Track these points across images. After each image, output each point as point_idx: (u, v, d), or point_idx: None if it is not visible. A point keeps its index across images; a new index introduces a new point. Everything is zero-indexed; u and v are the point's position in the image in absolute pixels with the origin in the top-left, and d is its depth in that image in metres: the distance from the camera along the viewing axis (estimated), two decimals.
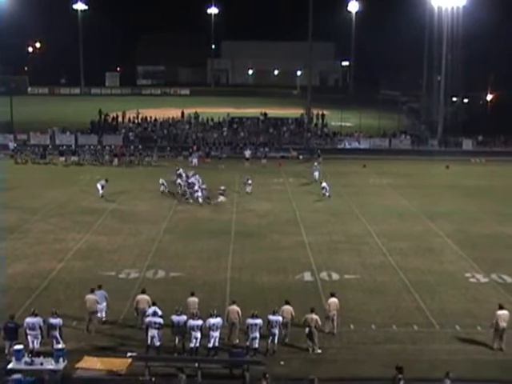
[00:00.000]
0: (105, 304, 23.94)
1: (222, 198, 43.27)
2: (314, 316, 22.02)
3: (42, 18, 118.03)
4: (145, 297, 23.51)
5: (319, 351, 21.83)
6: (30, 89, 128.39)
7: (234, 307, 22.57)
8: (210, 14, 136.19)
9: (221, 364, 20.92)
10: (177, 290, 26.45)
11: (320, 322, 22.15)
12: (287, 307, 22.64)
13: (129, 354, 20.63)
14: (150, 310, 22.15)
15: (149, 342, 21.32)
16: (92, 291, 23.60)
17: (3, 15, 74.62)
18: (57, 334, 21.25)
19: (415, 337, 23.23)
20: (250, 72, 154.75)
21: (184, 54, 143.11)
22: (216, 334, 21.37)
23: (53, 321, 21.37)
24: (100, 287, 24.27)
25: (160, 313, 21.97)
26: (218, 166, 56.38)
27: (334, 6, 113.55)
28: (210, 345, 21.32)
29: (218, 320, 21.48)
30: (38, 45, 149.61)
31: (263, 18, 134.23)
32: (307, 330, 21.92)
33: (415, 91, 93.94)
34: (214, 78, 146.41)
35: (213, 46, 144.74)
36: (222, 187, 44.10)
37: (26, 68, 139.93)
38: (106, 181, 44.40)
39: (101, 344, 22.21)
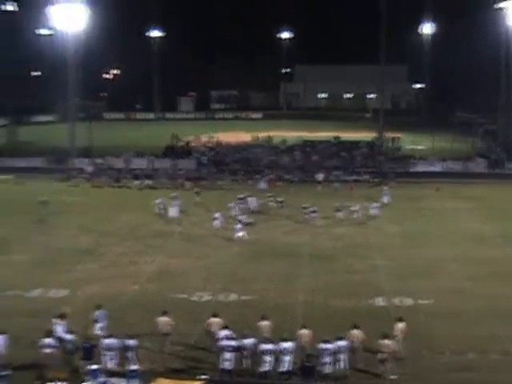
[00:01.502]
0: (106, 322, 24.10)
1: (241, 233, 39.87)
2: (387, 341, 21.63)
3: (118, 45, 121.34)
4: (216, 320, 23.59)
5: (393, 377, 21.39)
6: (106, 114, 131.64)
7: (305, 331, 22.40)
8: (283, 39, 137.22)
9: None
10: (249, 313, 26.42)
11: (394, 348, 21.70)
12: (355, 331, 22.32)
13: (202, 377, 20.69)
14: (223, 333, 22.19)
15: (221, 365, 21.34)
16: (164, 313, 23.82)
17: (82, 43, 76.84)
18: (132, 355, 21.52)
19: (493, 365, 22.51)
20: (322, 95, 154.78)
21: (257, 79, 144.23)
22: (288, 358, 21.21)
23: (129, 342, 21.67)
24: (99, 307, 24.60)
25: (233, 336, 21.99)
26: (288, 190, 56.19)
27: (406, 28, 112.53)
28: (283, 369, 21.16)
29: (290, 344, 21.33)
30: (114, 71, 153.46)
31: (335, 41, 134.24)
32: (380, 355, 21.54)
33: (492, 113, 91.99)
34: (287, 101, 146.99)
35: (285, 70, 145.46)
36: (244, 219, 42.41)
37: (103, 94, 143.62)
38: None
39: (173, 366, 22.35)
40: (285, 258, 35.26)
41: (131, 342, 21.68)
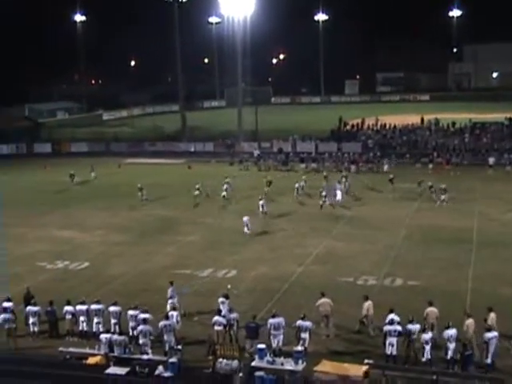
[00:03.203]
0: (176, 299, 25.02)
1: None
2: None
3: (285, 29, 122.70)
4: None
5: None
6: (273, 99, 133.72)
7: (471, 320, 21.82)
8: (452, 17, 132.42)
9: (459, 378, 20.20)
10: (414, 298, 26.00)
11: None
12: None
13: (365, 361, 20.68)
14: (388, 318, 22.01)
15: (387, 350, 21.22)
16: (323, 295, 24.03)
17: (249, 29, 78.51)
18: (306, 335, 21.89)
19: None
20: (495, 75, 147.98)
21: (424, 60, 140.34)
22: (452, 345, 20.69)
23: (302, 323, 22.04)
24: (172, 283, 25.55)
25: (398, 320, 21.78)
26: (451, 173, 54.41)
27: None
28: (448, 357, 20.71)
29: (453, 331, 20.81)
30: (281, 56, 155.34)
31: (506, 18, 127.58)
32: None
33: None
34: (456, 82, 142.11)
35: (454, 50, 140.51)
36: None
37: (269, 79, 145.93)
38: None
39: (337, 349, 22.50)
40: (453, 243, 34.29)
41: (306, 324, 22.01)
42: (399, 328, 21.30)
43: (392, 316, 22.05)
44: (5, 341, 23.48)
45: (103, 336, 22.15)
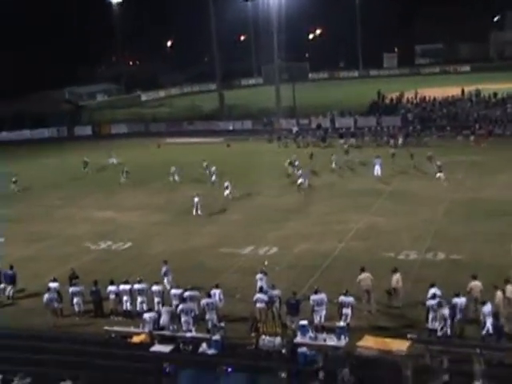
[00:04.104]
0: (170, 277, 25.92)
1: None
2: None
3: (321, 4, 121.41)
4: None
5: None
6: (310, 74, 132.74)
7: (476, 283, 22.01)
8: None
9: (505, 352, 20.00)
10: (457, 272, 25.75)
11: None
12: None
13: (409, 336, 20.61)
14: (430, 292, 21.84)
15: (430, 324, 21.10)
16: (363, 270, 23.98)
17: (285, 5, 77.97)
18: (348, 311, 21.89)
19: None
20: None
21: (464, 29, 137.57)
22: (490, 320, 20.46)
23: (345, 299, 22.04)
24: (166, 262, 26.29)
25: (439, 294, 21.62)
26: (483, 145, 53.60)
27: None
28: (484, 331, 20.51)
29: (489, 307, 20.56)
30: (318, 31, 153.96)
31: None
32: None
33: None
34: (497, 51, 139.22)
35: (496, 18, 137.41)
36: None
37: (306, 54, 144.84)
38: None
39: (380, 324, 22.45)
40: (497, 216, 33.80)
41: (348, 299, 22.01)
42: (464, 300, 21.17)
43: (434, 290, 21.90)
44: (50, 320, 24.01)
45: (147, 315, 22.44)
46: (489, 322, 20.44)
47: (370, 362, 19.66)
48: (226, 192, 40.60)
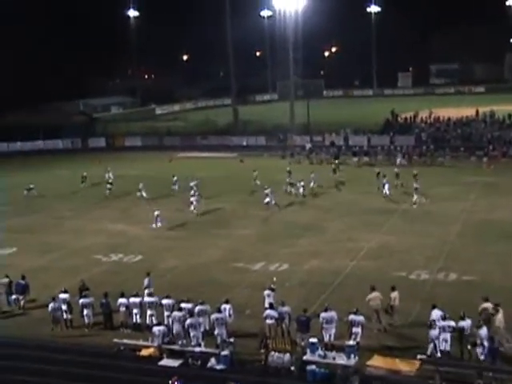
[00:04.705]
0: (152, 289, 25.93)
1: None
2: None
3: (337, 22, 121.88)
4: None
5: None
6: (325, 92, 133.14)
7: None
8: (509, 6, 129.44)
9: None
10: (469, 293, 25.60)
11: None
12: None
13: (419, 357, 20.48)
14: (438, 314, 21.67)
15: (440, 345, 20.93)
16: (373, 289, 23.86)
17: (301, 22, 78.38)
18: (358, 330, 21.75)
19: None
20: None
21: (479, 50, 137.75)
22: (486, 343, 20.30)
23: (355, 318, 21.92)
24: (148, 274, 26.64)
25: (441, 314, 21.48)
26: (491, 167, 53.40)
27: None
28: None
29: (484, 330, 20.45)
30: (333, 49, 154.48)
31: None
32: None
33: None
34: None
35: (511, 40, 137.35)
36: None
37: (321, 72, 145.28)
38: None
39: (389, 343, 22.31)
40: (508, 238, 33.63)
41: (358, 318, 21.87)
42: (453, 324, 20.97)
43: (436, 312, 21.77)
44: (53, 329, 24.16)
45: (156, 329, 22.43)
46: (485, 345, 20.32)
47: (381, 381, 19.53)
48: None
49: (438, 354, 20.61)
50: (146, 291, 25.83)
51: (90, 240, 36.83)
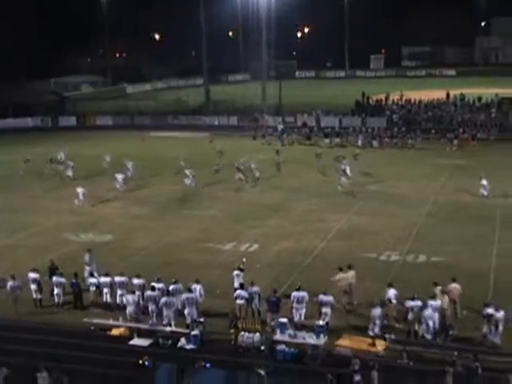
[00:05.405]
0: (94, 266, 26.10)
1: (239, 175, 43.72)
2: None
3: (310, 2, 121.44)
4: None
5: None
6: (297, 73, 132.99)
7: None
8: None
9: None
10: (437, 275, 25.87)
11: None
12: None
13: (387, 336, 20.72)
14: (393, 293, 22.20)
15: (407, 326, 21.25)
16: (340, 270, 24.11)
17: (275, 2, 78.03)
18: (328, 310, 21.91)
19: None
20: None
21: (451, 34, 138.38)
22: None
23: (324, 298, 22.03)
24: (90, 251, 26.93)
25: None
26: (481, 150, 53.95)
27: None
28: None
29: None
30: (306, 30, 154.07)
31: None
32: None
33: None
34: (483, 57, 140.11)
35: (482, 24, 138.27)
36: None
37: (294, 53, 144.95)
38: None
39: (359, 324, 22.46)
40: (477, 220, 34.07)
41: (327, 298, 22.02)
42: (419, 303, 21.25)
43: (392, 291, 22.32)
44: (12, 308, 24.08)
45: (130, 297, 22.82)
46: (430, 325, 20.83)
47: (349, 360, 19.72)
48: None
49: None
50: (88, 268, 26.05)
51: (59, 219, 36.52)
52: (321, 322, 21.19)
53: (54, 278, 24.72)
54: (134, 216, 37.12)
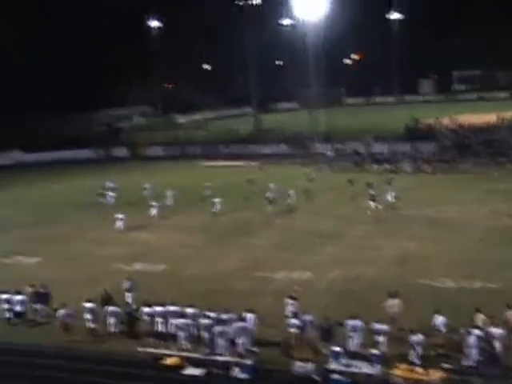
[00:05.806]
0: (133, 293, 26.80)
1: None
2: None
3: (358, 30, 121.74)
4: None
5: None
6: (346, 99, 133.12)
7: None
8: None
9: None
10: (493, 301, 25.32)
11: None
12: None
13: (444, 366, 20.33)
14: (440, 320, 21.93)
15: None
16: (391, 296, 23.83)
17: (322, 30, 78.40)
18: (382, 338, 21.65)
19: None
20: None
21: (502, 56, 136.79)
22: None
23: (379, 326, 21.82)
24: (130, 278, 27.52)
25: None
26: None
27: None
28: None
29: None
30: (355, 57, 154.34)
31: None
32: None
33: None
34: None
35: None
36: None
37: (342, 80, 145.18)
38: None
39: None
40: None
41: (381, 327, 21.76)
42: (479, 332, 20.79)
43: (441, 318, 22.03)
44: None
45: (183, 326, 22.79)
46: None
47: None
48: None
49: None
50: (129, 295, 26.61)
51: (112, 249, 36.96)
52: (375, 351, 20.90)
53: (109, 308, 24.97)
54: (187, 245, 37.30)
